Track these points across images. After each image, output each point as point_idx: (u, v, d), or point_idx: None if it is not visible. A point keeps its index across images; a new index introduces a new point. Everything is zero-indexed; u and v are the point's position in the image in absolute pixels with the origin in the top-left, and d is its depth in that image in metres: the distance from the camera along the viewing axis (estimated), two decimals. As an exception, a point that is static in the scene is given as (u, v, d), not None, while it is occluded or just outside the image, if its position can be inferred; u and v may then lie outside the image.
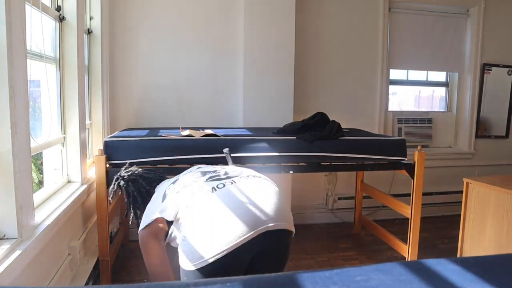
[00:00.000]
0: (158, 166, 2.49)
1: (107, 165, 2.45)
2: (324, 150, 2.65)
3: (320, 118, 2.92)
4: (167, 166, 2.51)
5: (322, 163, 2.74)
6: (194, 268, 1.32)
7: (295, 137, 2.70)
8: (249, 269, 1.38)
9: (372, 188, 3.52)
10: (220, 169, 1.65)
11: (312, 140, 2.62)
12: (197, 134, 2.68)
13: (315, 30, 3.85)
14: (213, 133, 2.74)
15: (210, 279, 0.66)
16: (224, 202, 1.39)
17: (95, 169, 2.47)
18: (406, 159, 2.75)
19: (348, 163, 2.75)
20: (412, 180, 2.77)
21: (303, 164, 2.71)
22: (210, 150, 2.50)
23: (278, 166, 2.66)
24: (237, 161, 2.52)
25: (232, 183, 1.48)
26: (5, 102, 1.43)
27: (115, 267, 2.83)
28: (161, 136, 2.63)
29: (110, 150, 2.44)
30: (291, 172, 2.67)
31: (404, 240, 2.96)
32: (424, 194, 2.87)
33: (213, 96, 3.61)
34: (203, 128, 3.01)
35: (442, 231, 3.80)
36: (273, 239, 1.38)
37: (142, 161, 2.43)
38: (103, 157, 2.41)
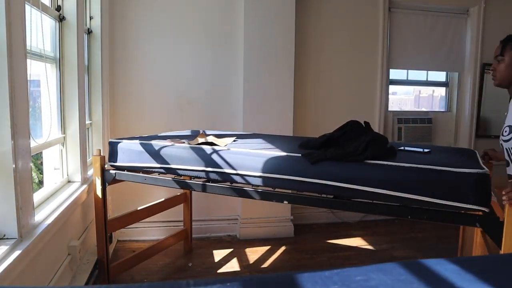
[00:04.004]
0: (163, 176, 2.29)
1: (109, 166, 2.45)
2: (334, 177, 1.81)
3: (350, 129, 2.07)
4: (173, 176, 2.27)
5: (324, 196, 1.88)
6: None
7: (300, 154, 1.97)
8: None
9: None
10: None
11: (316, 161, 1.84)
12: (221, 143, 2.30)
13: (315, 30, 3.85)
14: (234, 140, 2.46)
15: (210, 279, 0.66)
16: None
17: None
18: (487, 209, 1.58)
19: (371, 201, 1.77)
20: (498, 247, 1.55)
21: (306, 194, 1.94)
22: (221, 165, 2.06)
23: (271, 192, 2.01)
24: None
25: None
26: (5, 102, 1.43)
27: (116, 267, 2.83)
28: (167, 139, 2.41)
29: (114, 152, 2.41)
30: (285, 202, 2.01)
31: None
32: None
33: (213, 95, 3.60)
34: (220, 135, 2.75)
35: (442, 231, 3.80)
36: None
37: (145, 166, 2.31)
38: (102, 157, 2.41)
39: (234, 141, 2.43)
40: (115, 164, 2.41)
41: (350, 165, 1.79)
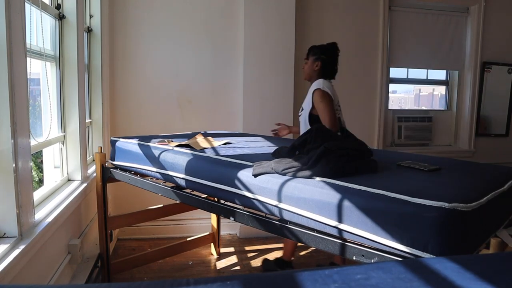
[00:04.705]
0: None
1: (109, 164, 2.45)
2: (264, 192, 1.48)
3: (314, 137, 1.64)
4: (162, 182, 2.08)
5: (263, 217, 1.51)
6: None
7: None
8: None
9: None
10: None
11: (257, 174, 1.53)
12: (203, 143, 2.18)
13: (315, 29, 3.84)
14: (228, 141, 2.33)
15: (210, 277, 0.66)
16: None
17: (95, 167, 2.47)
18: None
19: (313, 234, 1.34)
20: None
21: (249, 212, 1.58)
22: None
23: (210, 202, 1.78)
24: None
25: None
26: (5, 101, 1.43)
27: (116, 265, 2.83)
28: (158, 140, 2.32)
29: (114, 150, 2.41)
30: (231, 218, 1.65)
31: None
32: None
33: (213, 95, 3.60)
34: (221, 134, 2.73)
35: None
36: None
37: (136, 167, 2.23)
38: (102, 154, 2.42)
39: (226, 143, 2.25)
40: (114, 162, 2.41)
41: (287, 180, 1.42)
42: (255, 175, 1.52)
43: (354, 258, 1.21)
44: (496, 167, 1.63)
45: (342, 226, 1.23)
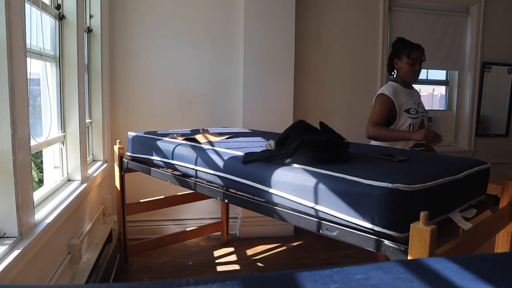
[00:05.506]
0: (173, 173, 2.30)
1: (127, 156, 2.73)
2: (245, 175, 1.71)
3: (295, 130, 1.80)
4: (171, 171, 2.29)
5: (249, 198, 1.72)
6: None
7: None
8: None
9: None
10: None
11: (246, 162, 1.73)
12: (204, 139, 2.30)
13: (315, 29, 3.84)
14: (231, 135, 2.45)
15: (210, 277, 0.66)
16: None
17: (96, 166, 2.46)
18: (395, 234, 1.22)
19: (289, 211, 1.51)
20: None
21: (239, 193, 1.80)
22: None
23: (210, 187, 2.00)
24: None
25: None
26: (5, 101, 1.43)
27: (116, 266, 2.83)
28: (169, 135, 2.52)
29: (130, 144, 2.68)
30: (226, 200, 1.91)
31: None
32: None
33: (213, 95, 3.61)
34: (222, 133, 2.76)
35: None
36: None
37: (147, 158, 2.50)
38: (121, 148, 2.74)
39: (228, 137, 2.45)
40: (131, 154, 2.67)
41: (271, 166, 1.61)
42: (245, 163, 1.74)
43: (320, 232, 1.39)
44: (466, 159, 1.71)
45: (311, 205, 1.41)
